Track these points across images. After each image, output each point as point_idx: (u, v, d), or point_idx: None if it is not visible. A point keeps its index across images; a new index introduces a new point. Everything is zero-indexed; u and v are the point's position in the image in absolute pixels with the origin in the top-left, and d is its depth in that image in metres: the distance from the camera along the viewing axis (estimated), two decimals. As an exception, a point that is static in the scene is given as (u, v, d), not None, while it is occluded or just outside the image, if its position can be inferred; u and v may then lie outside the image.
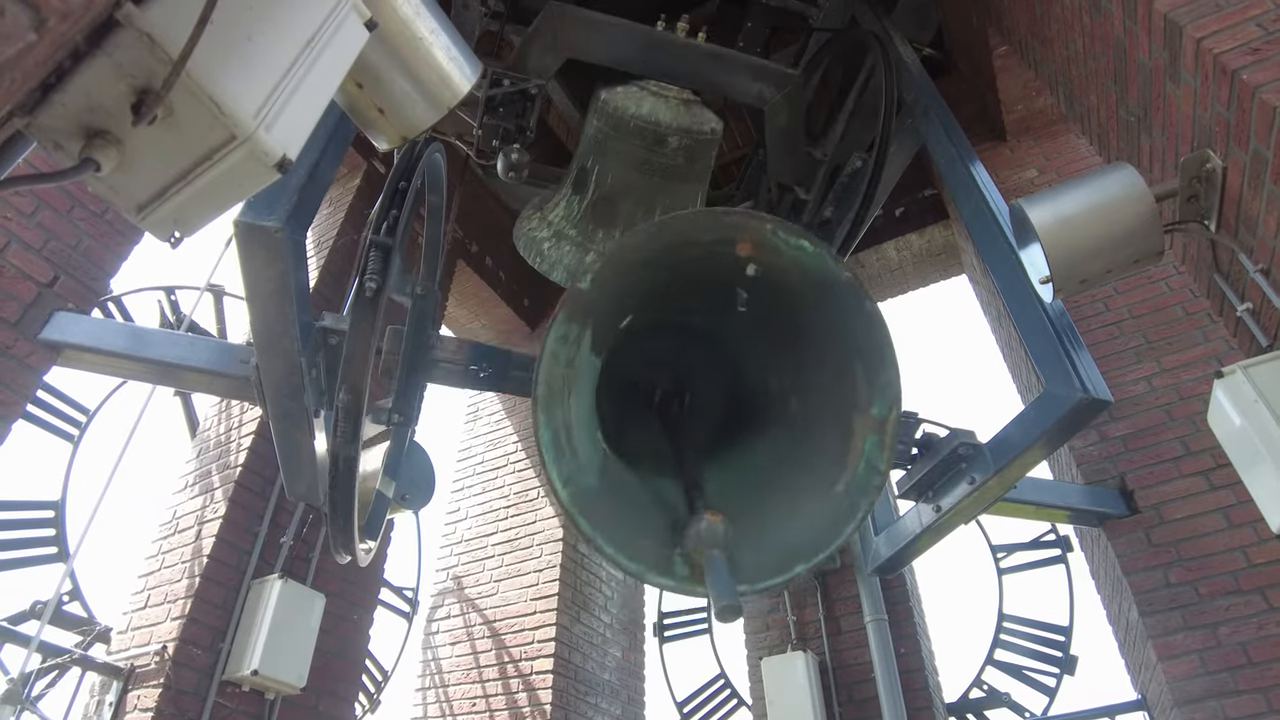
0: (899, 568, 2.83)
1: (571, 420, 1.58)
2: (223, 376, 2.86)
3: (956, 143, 2.93)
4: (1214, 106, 2.17)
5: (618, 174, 3.07)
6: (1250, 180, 2.11)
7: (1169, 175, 2.49)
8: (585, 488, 1.57)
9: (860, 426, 1.65)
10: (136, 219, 1.08)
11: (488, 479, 6.07)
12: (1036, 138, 5.09)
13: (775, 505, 1.77)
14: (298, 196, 1.97)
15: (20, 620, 3.38)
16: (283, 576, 3.53)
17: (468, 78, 1.76)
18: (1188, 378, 3.68)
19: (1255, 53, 2.04)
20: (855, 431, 1.66)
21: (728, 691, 5.31)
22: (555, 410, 1.53)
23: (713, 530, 1.50)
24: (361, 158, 5.20)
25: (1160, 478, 3.52)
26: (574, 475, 1.56)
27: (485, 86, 2.98)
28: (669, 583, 1.62)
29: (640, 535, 1.63)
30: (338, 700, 3.76)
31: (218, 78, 0.98)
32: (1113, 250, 2.30)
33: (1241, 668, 3.00)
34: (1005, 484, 2.40)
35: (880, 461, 1.64)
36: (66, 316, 3.12)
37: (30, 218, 3.20)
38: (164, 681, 3.14)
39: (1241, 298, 2.36)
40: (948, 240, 5.98)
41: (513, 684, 4.87)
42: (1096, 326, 4.02)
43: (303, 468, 2.44)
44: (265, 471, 3.83)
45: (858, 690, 4.59)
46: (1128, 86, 2.67)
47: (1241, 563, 3.17)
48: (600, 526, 1.56)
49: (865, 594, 4.64)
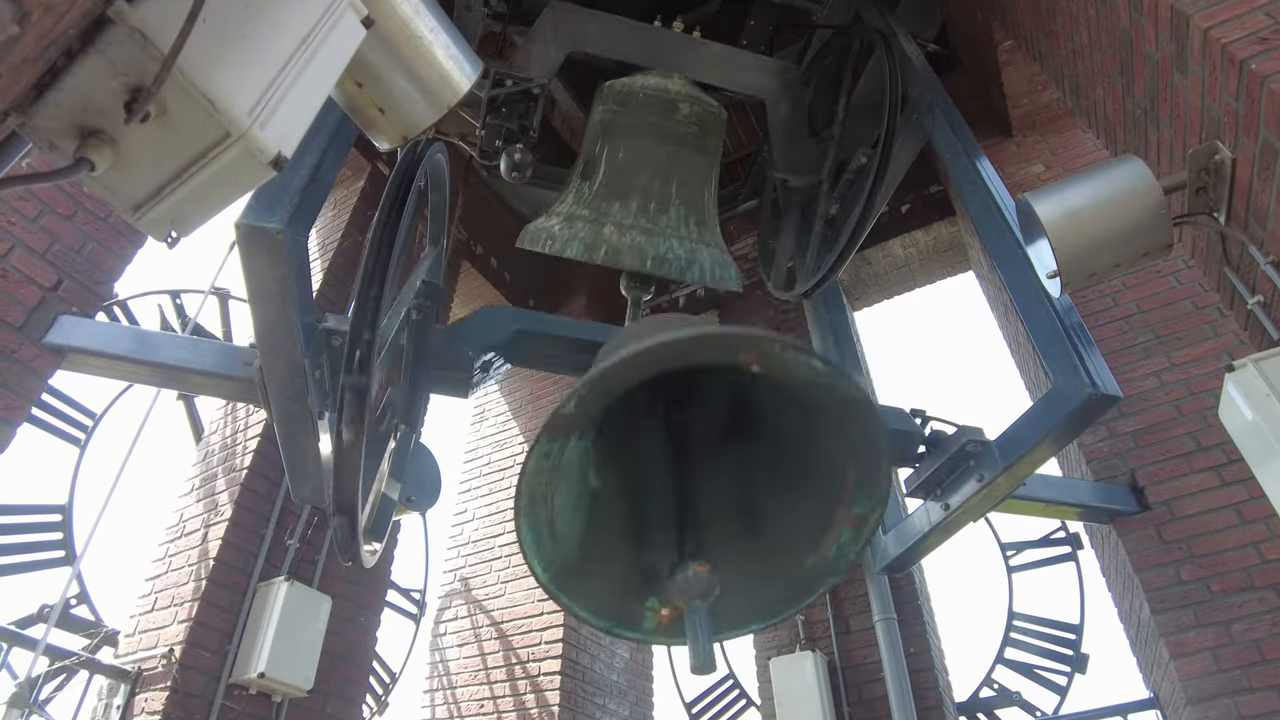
0: (908, 566, 2.81)
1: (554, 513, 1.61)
2: (227, 379, 2.85)
3: (962, 138, 2.91)
4: (1222, 97, 2.15)
5: (630, 147, 2.98)
6: (1260, 171, 2.08)
7: (1177, 168, 2.47)
8: (564, 566, 1.63)
9: (841, 517, 1.68)
10: (133, 218, 1.07)
11: (494, 480, 6.07)
12: (1042, 132, 5.06)
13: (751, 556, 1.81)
14: (299, 198, 1.96)
15: (28, 623, 3.39)
16: (289, 579, 3.53)
17: (468, 76, 1.75)
18: (1198, 372, 3.65)
19: (1263, 42, 2.02)
20: (835, 522, 1.69)
21: (736, 692, 5.29)
22: (538, 514, 1.57)
23: (699, 580, 1.52)
24: (366, 160, 5.20)
25: (1171, 474, 3.49)
26: (553, 559, 1.61)
27: (487, 87, 2.98)
28: (636, 635, 1.69)
29: (612, 595, 1.70)
30: (345, 702, 3.76)
31: (211, 75, 0.97)
32: (1121, 244, 2.28)
33: (1255, 665, 2.97)
34: (1014, 481, 2.38)
35: (852, 553, 1.69)
36: (70, 320, 3.12)
37: (34, 222, 3.20)
38: (171, 684, 3.14)
39: (1252, 291, 2.34)
40: (954, 237, 5.95)
41: (520, 685, 4.86)
42: (1105, 322, 3.99)
43: (308, 470, 2.43)
44: (270, 474, 3.83)
45: (867, 690, 4.56)
46: (1134, 78, 2.64)
47: (1254, 559, 3.14)
48: (577, 598, 1.65)
49: (874, 593, 4.62)
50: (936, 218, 5.84)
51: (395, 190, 2.17)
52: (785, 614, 1.74)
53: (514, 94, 2.98)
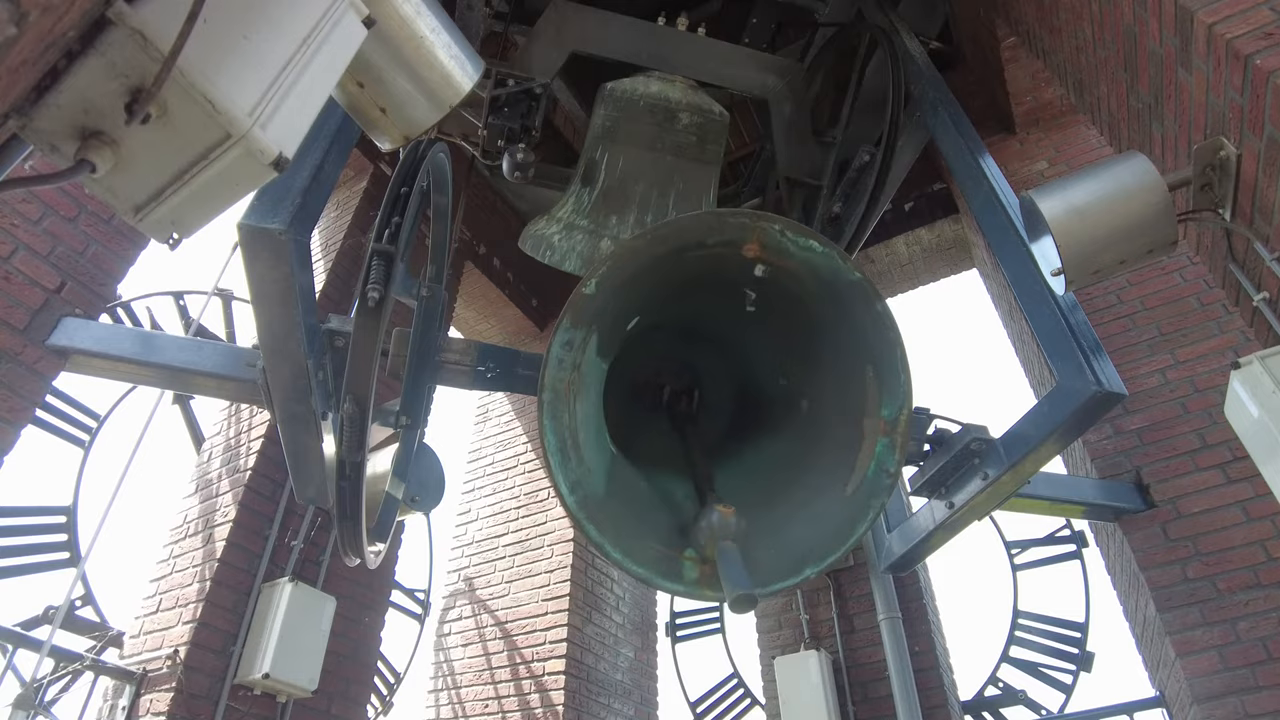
0: (912, 565, 2.80)
1: (578, 425, 1.57)
2: (230, 380, 2.86)
3: (965, 135, 2.90)
4: (1227, 93, 2.14)
5: (629, 156, 3.01)
6: (1266, 167, 2.07)
7: (1182, 164, 2.45)
8: (592, 493, 1.57)
9: (871, 429, 1.63)
10: (134, 220, 1.07)
11: (498, 480, 6.07)
12: (1046, 129, 5.04)
13: (786, 506, 1.76)
14: (302, 199, 1.96)
15: (33, 625, 3.39)
16: (293, 579, 3.53)
17: (470, 76, 1.75)
18: (1203, 370, 3.64)
19: (1268, 37, 2.01)
20: (866, 433, 1.64)
21: (741, 691, 5.29)
22: (561, 416, 1.53)
23: (725, 522, 1.50)
24: (368, 161, 5.20)
25: (1176, 471, 3.48)
26: (580, 481, 1.55)
27: (490, 86, 2.97)
28: (677, 587, 1.61)
29: (647, 539, 1.62)
30: (350, 703, 3.76)
31: (211, 75, 0.97)
32: (1126, 241, 2.27)
33: (1262, 663, 2.96)
34: (1019, 479, 2.37)
35: (891, 463, 1.63)
36: (74, 322, 3.12)
37: (37, 224, 3.21)
38: (176, 685, 3.14)
39: (1258, 287, 2.32)
40: (958, 234, 5.94)
41: (525, 685, 4.86)
42: (1110, 319, 3.98)
43: (311, 471, 2.44)
44: (274, 475, 3.83)
45: (872, 689, 4.55)
46: (1138, 74, 2.63)
47: (1261, 557, 3.13)
48: (607, 532, 1.56)
49: (878, 592, 4.61)
50: (940, 215, 5.83)
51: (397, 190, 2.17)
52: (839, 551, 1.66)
53: (516, 94, 2.98)
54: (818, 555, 1.66)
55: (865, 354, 1.64)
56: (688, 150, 3.01)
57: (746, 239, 1.53)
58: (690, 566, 1.60)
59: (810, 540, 1.67)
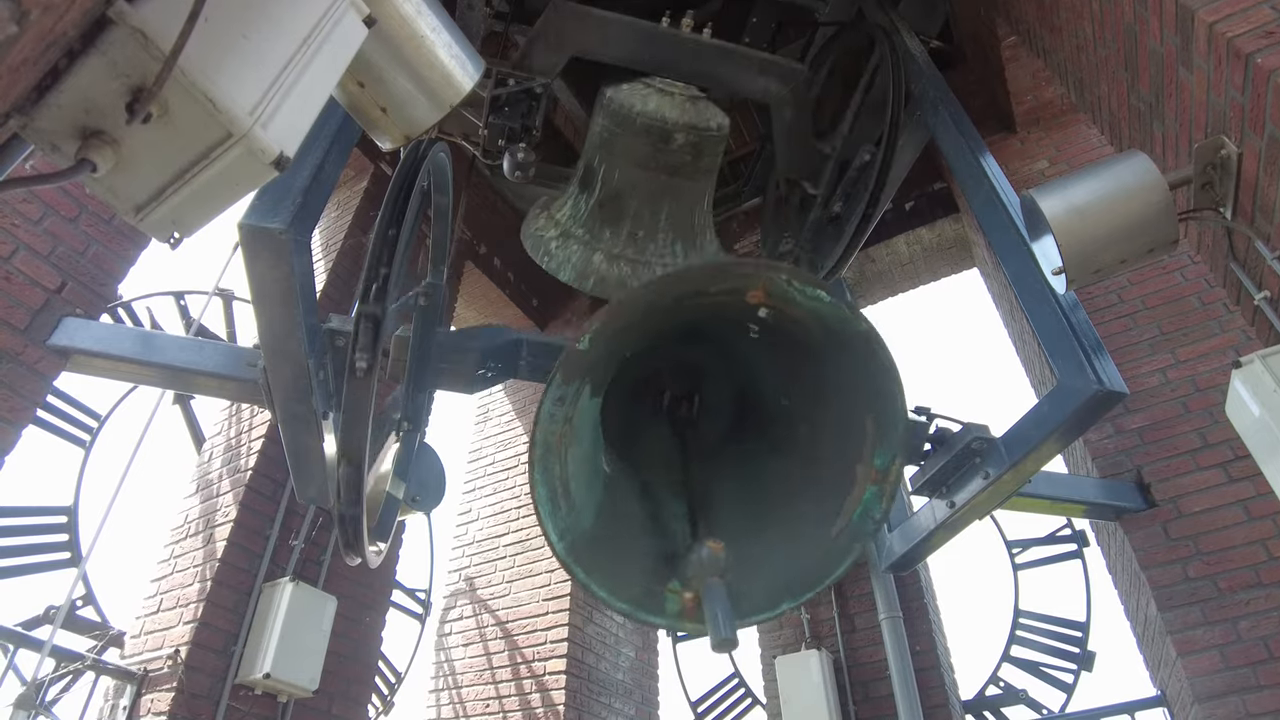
0: (913, 564, 2.80)
1: (569, 474, 1.59)
2: (231, 380, 2.86)
3: (966, 135, 2.90)
4: (1228, 91, 2.14)
5: (624, 172, 3.05)
6: (1267, 166, 2.07)
7: (1183, 163, 2.45)
8: (580, 536, 1.60)
9: (863, 475, 1.65)
10: (135, 220, 1.07)
11: (499, 480, 6.07)
12: (1046, 129, 5.04)
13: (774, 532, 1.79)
14: (302, 199, 1.96)
15: (34, 625, 3.39)
16: (294, 579, 3.53)
17: (470, 75, 1.75)
18: (1204, 369, 3.64)
19: (1269, 36, 2.00)
20: (858, 479, 1.67)
21: (742, 691, 5.29)
22: (551, 467, 1.54)
23: (714, 559, 1.51)
24: (369, 160, 5.20)
25: (1177, 470, 3.48)
26: (569, 527, 1.59)
27: (490, 86, 2.97)
28: (659, 620, 1.66)
29: (632, 573, 1.66)
30: (351, 702, 3.76)
31: (212, 75, 0.97)
32: (1126, 240, 2.27)
33: (1264, 662, 2.96)
34: (1020, 478, 2.37)
35: (877, 511, 1.66)
36: (74, 322, 3.12)
37: (37, 224, 3.21)
38: (177, 685, 3.15)
39: (1259, 286, 2.32)
40: (958, 234, 5.93)
41: (526, 685, 4.86)
42: (1111, 318, 3.98)
43: (312, 470, 2.43)
44: (275, 475, 3.83)
45: (873, 688, 4.55)
46: (1139, 73, 2.63)
47: (1262, 556, 3.12)
48: (594, 573, 1.61)
49: (879, 591, 4.61)
50: (940, 215, 5.82)
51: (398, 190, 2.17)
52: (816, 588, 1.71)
53: (516, 93, 2.98)
54: (796, 590, 1.70)
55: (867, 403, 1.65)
56: (682, 169, 3.05)
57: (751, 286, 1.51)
58: (673, 600, 1.65)
59: (790, 574, 1.70)
